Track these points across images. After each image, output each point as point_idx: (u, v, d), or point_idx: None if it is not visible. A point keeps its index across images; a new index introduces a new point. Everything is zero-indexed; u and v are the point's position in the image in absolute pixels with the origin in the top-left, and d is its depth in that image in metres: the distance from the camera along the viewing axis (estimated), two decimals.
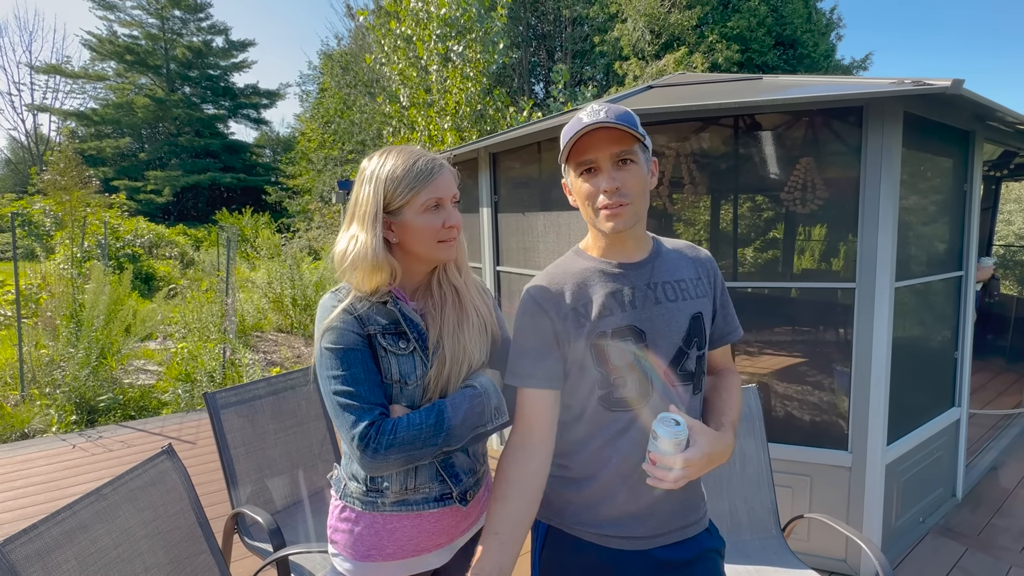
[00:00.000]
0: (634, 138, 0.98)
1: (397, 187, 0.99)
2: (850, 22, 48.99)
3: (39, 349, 4.71)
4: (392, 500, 1.04)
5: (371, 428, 0.92)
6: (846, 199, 2.16)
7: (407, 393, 1.01)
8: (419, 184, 0.98)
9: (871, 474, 2.16)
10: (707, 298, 1.11)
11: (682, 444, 0.92)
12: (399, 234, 1.02)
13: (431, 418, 0.96)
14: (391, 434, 0.92)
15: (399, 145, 1.07)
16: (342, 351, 0.97)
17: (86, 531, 1.21)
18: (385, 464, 0.93)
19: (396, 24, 7.69)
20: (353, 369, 0.96)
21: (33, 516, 2.77)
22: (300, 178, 20.64)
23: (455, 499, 1.07)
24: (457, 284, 1.09)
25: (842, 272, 2.25)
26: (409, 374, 1.01)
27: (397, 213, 1.00)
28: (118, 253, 10.47)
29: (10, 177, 32.91)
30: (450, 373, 1.03)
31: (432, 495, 1.06)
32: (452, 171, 1.06)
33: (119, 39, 30.63)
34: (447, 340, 1.03)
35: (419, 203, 0.99)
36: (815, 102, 2.01)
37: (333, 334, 0.98)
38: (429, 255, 1.03)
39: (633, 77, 12.76)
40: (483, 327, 1.10)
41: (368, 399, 0.95)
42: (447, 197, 1.02)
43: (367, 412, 0.94)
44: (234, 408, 2.04)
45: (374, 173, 1.01)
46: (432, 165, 1.01)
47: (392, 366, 1.00)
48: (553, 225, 2.85)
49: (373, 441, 0.92)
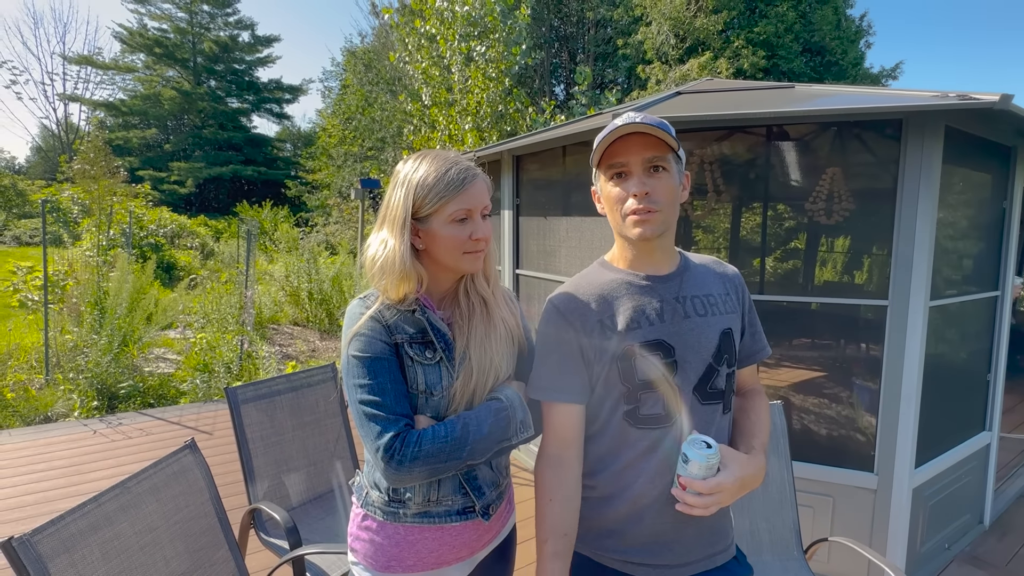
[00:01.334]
0: (668, 146, 0.96)
1: (427, 195, 0.97)
2: (880, 30, 48.05)
3: (64, 334, 4.82)
4: (414, 511, 1.02)
5: (396, 439, 0.91)
6: (875, 212, 2.10)
7: (432, 403, 1.00)
8: (448, 194, 0.97)
9: (897, 497, 2.10)
10: (736, 314, 1.08)
11: (714, 468, 0.89)
12: (426, 242, 1.00)
13: (456, 431, 0.94)
14: (416, 446, 0.91)
15: (435, 149, 1.05)
16: (369, 359, 0.96)
17: (111, 523, 1.22)
18: (409, 476, 0.92)
19: (420, 23, 7.73)
20: (380, 378, 0.95)
21: (55, 500, 2.82)
22: (320, 173, 20.86)
23: (477, 513, 1.05)
24: (485, 295, 1.07)
25: (867, 286, 2.19)
26: (435, 384, 0.99)
27: (425, 221, 0.99)
28: (142, 242, 10.68)
29: (40, 164, 33.86)
30: (476, 385, 1.02)
31: (455, 508, 1.04)
32: (486, 181, 1.03)
33: (149, 32, 31.31)
34: (474, 351, 1.02)
35: (447, 213, 0.97)
36: (856, 114, 1.96)
37: (360, 342, 0.97)
38: (454, 265, 1.01)
39: (656, 81, 12.65)
40: (510, 339, 1.08)
41: (394, 409, 0.94)
42: (476, 209, 1.00)
43: (392, 423, 0.93)
44: (254, 403, 2.06)
45: (407, 177, 0.99)
46: (464, 175, 0.98)
47: (418, 376, 0.99)
48: (576, 230, 2.82)
49: (398, 453, 0.91)
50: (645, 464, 0.98)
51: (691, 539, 1.01)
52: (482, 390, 1.03)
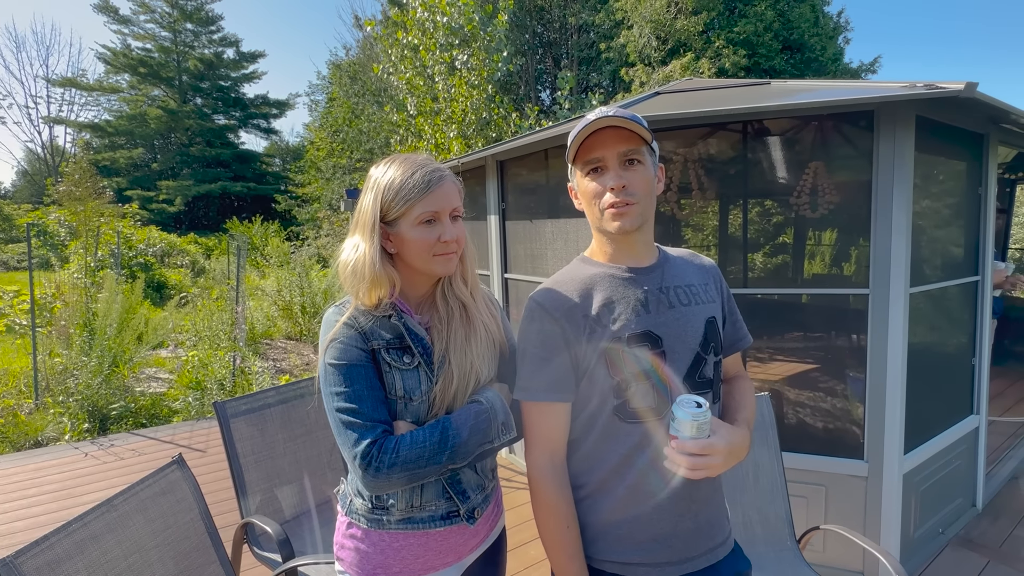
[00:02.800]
0: (641, 139, 0.97)
1: (394, 197, 0.98)
2: (858, 26, 48.74)
3: (53, 357, 4.77)
4: (398, 518, 1.02)
5: (373, 447, 0.91)
6: (857, 203, 2.14)
7: (412, 409, 0.99)
8: (414, 197, 0.97)
9: (888, 484, 2.11)
10: (717, 303, 1.09)
11: (704, 428, 0.88)
12: (397, 245, 1.00)
13: (435, 435, 0.94)
14: (393, 452, 0.91)
15: (407, 153, 1.06)
16: (345, 367, 0.95)
17: (97, 542, 1.21)
18: (388, 483, 0.91)
19: (403, 34, 7.78)
20: (356, 385, 0.95)
21: (45, 525, 2.79)
22: (309, 186, 20.83)
23: (462, 517, 1.05)
24: (464, 299, 1.07)
25: (854, 277, 2.22)
26: (414, 389, 0.99)
27: (394, 224, 0.99)
28: (131, 262, 10.61)
29: (27, 188, 33.57)
30: (457, 390, 1.02)
31: (438, 513, 1.03)
32: (455, 184, 1.03)
33: (133, 52, 31.24)
34: (454, 356, 1.01)
35: (414, 216, 0.97)
36: (826, 107, 1.99)
37: (336, 349, 0.96)
38: (425, 268, 1.01)
39: (640, 83, 12.77)
40: (491, 342, 1.08)
41: (371, 416, 0.94)
42: (444, 211, 0.99)
43: (369, 430, 0.92)
44: (244, 417, 2.04)
45: (376, 181, 1.00)
46: (430, 177, 0.98)
47: (396, 381, 0.98)
48: (561, 232, 2.84)
49: (375, 460, 0.90)
50: (638, 458, 0.97)
51: (689, 534, 1.00)
52: (463, 395, 1.02)
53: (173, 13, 31.40)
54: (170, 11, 31.41)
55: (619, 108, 1.01)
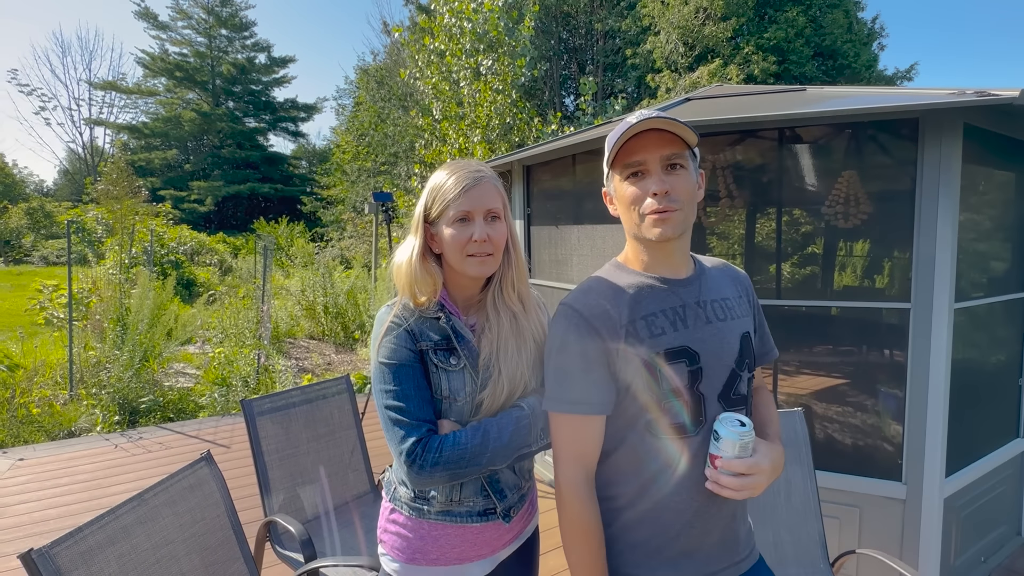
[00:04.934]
0: (684, 143, 0.94)
1: (435, 198, 1.03)
2: (893, 32, 47.49)
3: (87, 351, 4.93)
4: (438, 509, 1.06)
5: (418, 445, 0.95)
6: (895, 214, 2.06)
7: (456, 409, 1.03)
8: (451, 195, 1.01)
9: (928, 508, 2.02)
10: (749, 317, 1.06)
11: (748, 447, 0.85)
12: (439, 245, 1.05)
13: (476, 438, 0.97)
14: (437, 452, 0.95)
15: (464, 159, 1.10)
16: (395, 366, 1.00)
17: (128, 535, 1.23)
18: (430, 480, 0.96)
19: (430, 40, 7.87)
20: (404, 385, 0.99)
21: (77, 513, 2.86)
22: (334, 189, 21.21)
23: (498, 515, 1.08)
24: (514, 307, 1.08)
25: (889, 290, 2.14)
26: (459, 391, 1.02)
27: (435, 224, 1.04)
28: (162, 259, 10.93)
29: (67, 186, 35.03)
30: (507, 400, 1.05)
31: (476, 509, 1.07)
32: (494, 186, 1.05)
33: (170, 57, 32.42)
34: (505, 366, 1.04)
35: (450, 214, 1.01)
36: (870, 114, 1.93)
37: (387, 349, 1.01)
38: (459, 268, 1.03)
39: (666, 89, 12.67)
40: (539, 352, 1.09)
41: (417, 415, 0.98)
42: (477, 210, 1.01)
43: (415, 428, 0.97)
44: (269, 415, 2.07)
45: (428, 183, 1.07)
46: (468, 178, 1.02)
47: (443, 382, 1.02)
48: (587, 238, 2.81)
49: (419, 458, 0.95)
50: (670, 475, 0.94)
51: (714, 547, 0.98)
52: (511, 402, 1.05)
53: (209, 19, 32.48)
54: (206, 17, 32.51)
55: (660, 111, 0.98)
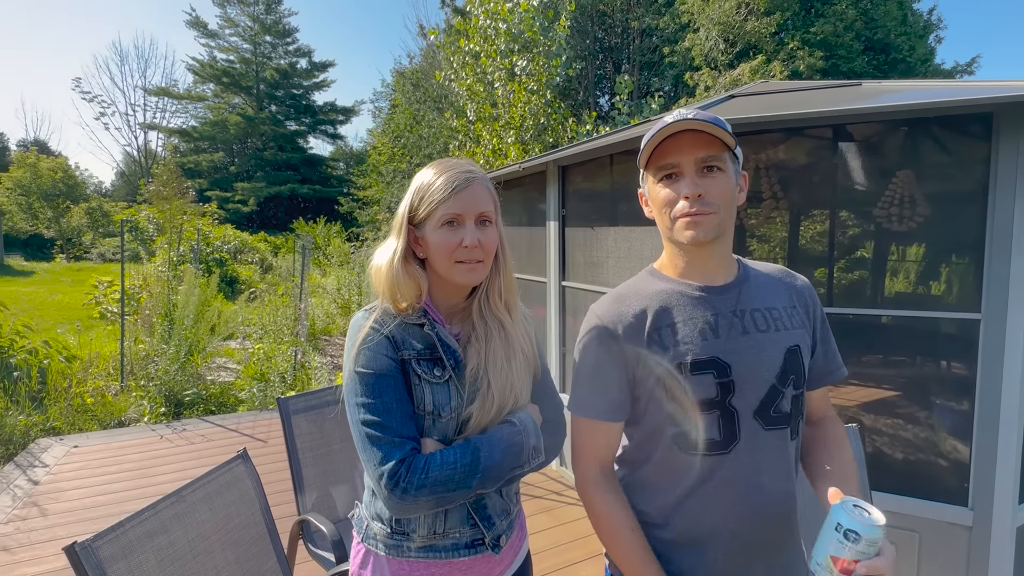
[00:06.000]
0: (723, 145, 0.88)
1: (422, 198, 0.95)
2: (952, 23, 44.63)
3: (137, 344, 5.17)
4: (419, 544, 0.95)
5: (401, 465, 0.84)
6: (957, 217, 1.90)
7: (440, 426, 0.92)
8: (438, 197, 0.93)
9: (998, 536, 1.85)
10: (804, 329, 0.98)
11: (879, 543, 0.69)
12: (424, 249, 0.96)
13: (466, 457, 0.87)
14: (423, 473, 0.84)
15: (449, 158, 1.02)
16: (373, 376, 0.89)
17: (166, 531, 1.25)
18: (414, 506, 0.85)
19: (465, 42, 7.91)
20: (384, 397, 0.88)
21: (124, 501, 2.99)
22: (370, 189, 21.66)
23: (487, 545, 0.97)
24: (502, 317, 1.00)
25: (947, 297, 1.98)
26: (443, 405, 0.92)
27: (421, 227, 0.96)
28: (208, 257, 11.40)
29: (123, 188, 37.11)
30: (496, 415, 0.95)
31: (463, 541, 0.96)
32: (486, 188, 0.96)
33: (218, 63, 33.94)
34: (495, 379, 0.95)
35: (437, 217, 0.93)
36: (939, 109, 1.78)
37: (364, 356, 0.90)
38: (447, 276, 0.95)
39: (705, 87, 12.33)
40: (528, 364, 1.02)
41: (399, 432, 0.87)
42: (467, 214, 0.93)
43: (397, 447, 0.86)
44: (304, 414, 2.09)
45: (413, 182, 0.99)
46: (458, 179, 0.93)
47: (426, 396, 0.91)
48: (624, 240, 2.73)
49: (403, 480, 0.84)
50: (704, 494, 0.90)
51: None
52: (500, 418, 0.96)
53: (254, 27, 33.80)
54: (252, 25, 33.85)
55: (699, 110, 0.92)
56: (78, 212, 23.50)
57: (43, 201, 23.25)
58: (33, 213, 23.64)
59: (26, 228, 23.64)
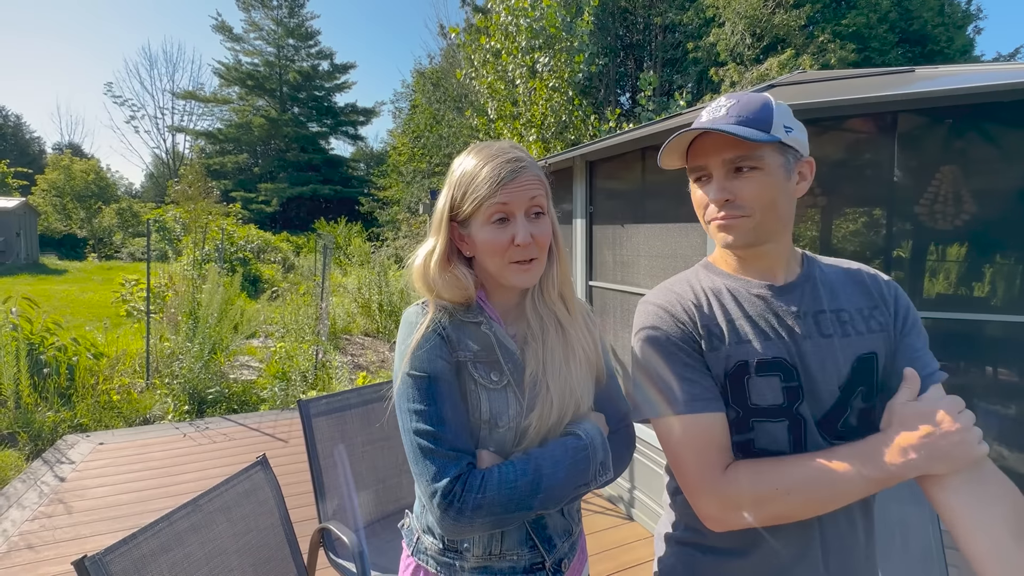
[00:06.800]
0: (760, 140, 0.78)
1: (464, 193, 0.84)
2: (992, 12, 42.77)
3: (163, 342, 5.22)
4: (473, 565, 0.87)
5: (457, 483, 0.77)
6: (1012, 215, 1.75)
7: (496, 437, 0.84)
8: (484, 191, 0.81)
9: None
10: (883, 334, 0.85)
11: None
12: (471, 249, 0.87)
13: (527, 475, 0.78)
14: (480, 492, 0.76)
15: (491, 141, 0.89)
16: (427, 380, 0.81)
17: (181, 543, 1.18)
18: (470, 527, 0.77)
19: (485, 39, 7.82)
20: (439, 405, 0.80)
21: (148, 499, 2.97)
22: (390, 190, 21.80)
23: (547, 570, 0.89)
24: (559, 313, 0.91)
25: (992, 300, 1.84)
26: (501, 414, 0.83)
27: (466, 224, 0.86)
28: (232, 257, 11.56)
29: (152, 189, 38.19)
30: (556, 422, 0.86)
31: (520, 564, 0.88)
32: (537, 175, 0.86)
33: (243, 66, 34.65)
34: (553, 380, 0.86)
35: (483, 213, 0.83)
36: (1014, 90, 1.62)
37: (418, 358, 0.82)
38: (500, 278, 0.86)
39: (730, 83, 12.02)
40: (590, 365, 0.91)
41: (454, 444, 0.80)
42: (517, 207, 0.82)
43: (452, 462, 0.78)
44: (324, 417, 2.02)
45: (453, 173, 0.88)
46: (505, 169, 0.82)
47: (482, 403, 0.83)
48: (657, 238, 2.60)
49: (458, 500, 0.76)
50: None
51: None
52: (559, 426, 0.87)
53: (278, 30, 34.42)
54: (275, 28, 34.47)
55: (745, 96, 0.84)
56: (109, 212, 24.23)
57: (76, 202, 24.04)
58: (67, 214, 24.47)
59: (60, 228, 24.48)
